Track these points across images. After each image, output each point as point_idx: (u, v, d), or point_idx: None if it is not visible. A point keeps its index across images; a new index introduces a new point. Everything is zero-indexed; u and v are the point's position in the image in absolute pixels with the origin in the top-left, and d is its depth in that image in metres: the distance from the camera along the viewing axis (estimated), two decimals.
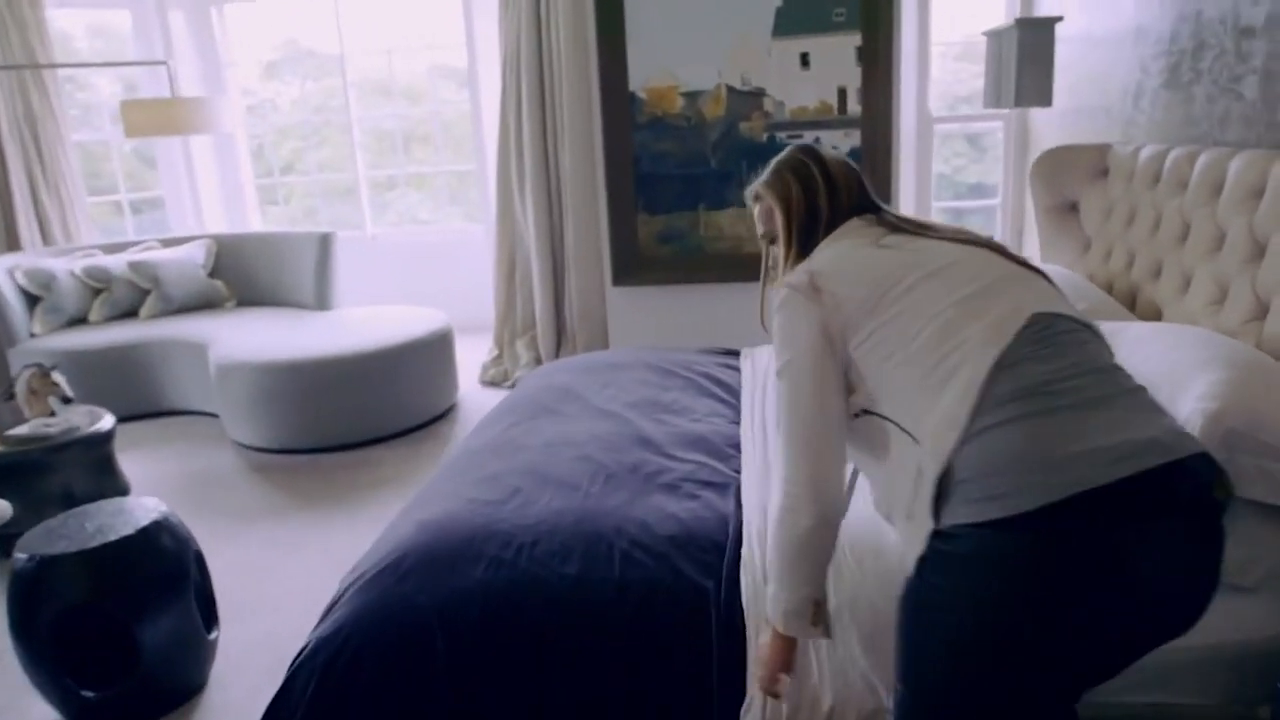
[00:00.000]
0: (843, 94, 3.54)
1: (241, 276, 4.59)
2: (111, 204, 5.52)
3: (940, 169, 4.30)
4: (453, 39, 5.22)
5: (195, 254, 4.49)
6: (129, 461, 3.35)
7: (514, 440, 2.21)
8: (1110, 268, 2.56)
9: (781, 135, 3.62)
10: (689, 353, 2.99)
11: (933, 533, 1.07)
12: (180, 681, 2.06)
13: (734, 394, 2.57)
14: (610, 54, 3.58)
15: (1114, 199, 2.59)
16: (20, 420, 2.90)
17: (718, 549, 1.64)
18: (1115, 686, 1.14)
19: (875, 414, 1.22)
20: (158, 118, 3.88)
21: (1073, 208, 2.78)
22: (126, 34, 5.26)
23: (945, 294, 1.18)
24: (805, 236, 1.39)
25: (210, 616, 2.16)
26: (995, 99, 3.09)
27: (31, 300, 4.18)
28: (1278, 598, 1.51)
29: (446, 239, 5.51)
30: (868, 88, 3.49)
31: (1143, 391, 1.10)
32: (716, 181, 3.73)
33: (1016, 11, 3.72)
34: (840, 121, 3.56)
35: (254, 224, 5.73)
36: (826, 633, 1.32)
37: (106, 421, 2.98)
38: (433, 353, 3.86)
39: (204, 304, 4.46)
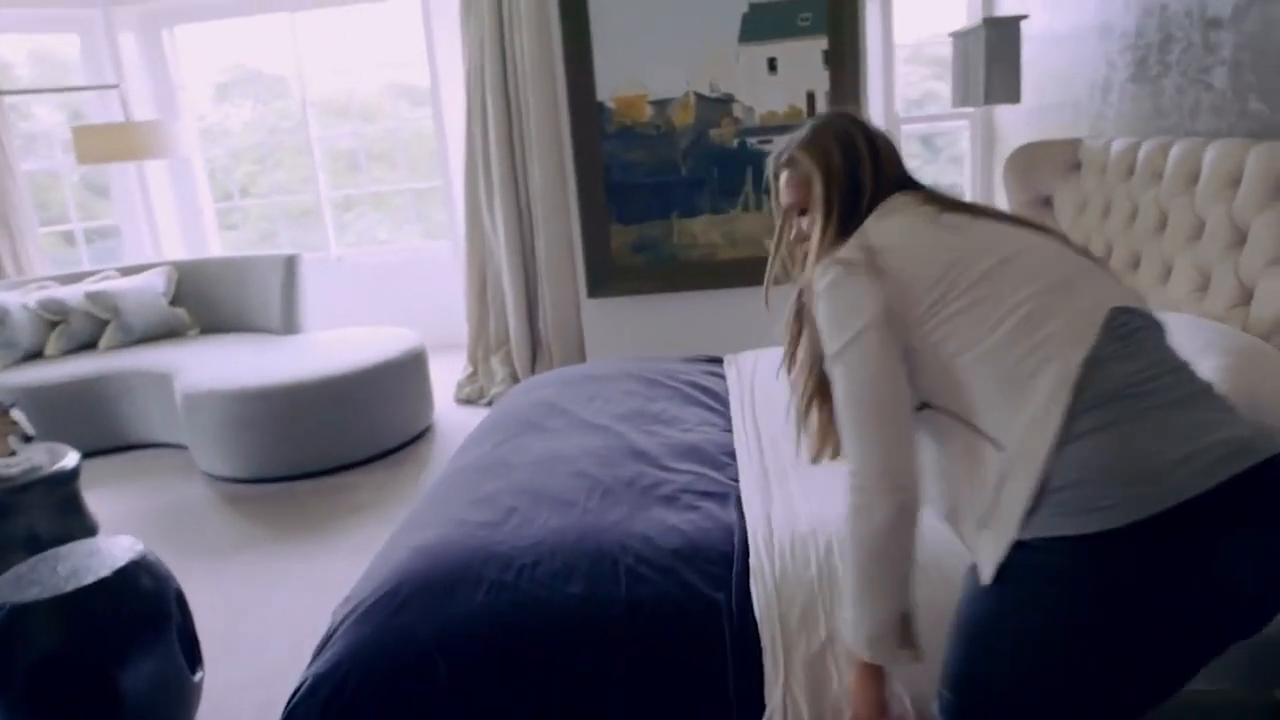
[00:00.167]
0: (811, 98, 3.55)
1: (204, 303, 4.47)
2: (61, 234, 5.36)
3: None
4: (409, 56, 5.16)
5: (155, 282, 4.37)
6: (95, 499, 3.22)
7: (503, 459, 2.15)
8: None
9: (752, 141, 3.62)
10: (672, 362, 2.96)
11: (1016, 543, 1.01)
12: None
13: (722, 401, 2.54)
14: (577, 64, 3.55)
15: (1088, 192, 2.62)
16: None
17: (725, 560, 1.61)
18: None
19: (939, 409, 1.15)
20: (112, 143, 3.77)
21: (1047, 202, 2.81)
22: (70, 60, 5.12)
23: (1023, 284, 1.10)
24: (847, 210, 1.26)
25: (194, 657, 2.07)
26: (964, 98, 3.11)
27: None
28: None
29: (413, 257, 5.43)
30: (836, 91, 3.50)
31: (1211, 389, 1.07)
32: (688, 189, 3.71)
33: (975, 13, 3.76)
34: None
35: (213, 249, 5.60)
36: (918, 655, 1.15)
37: (70, 459, 2.87)
38: (406, 373, 3.79)
39: (166, 333, 4.34)
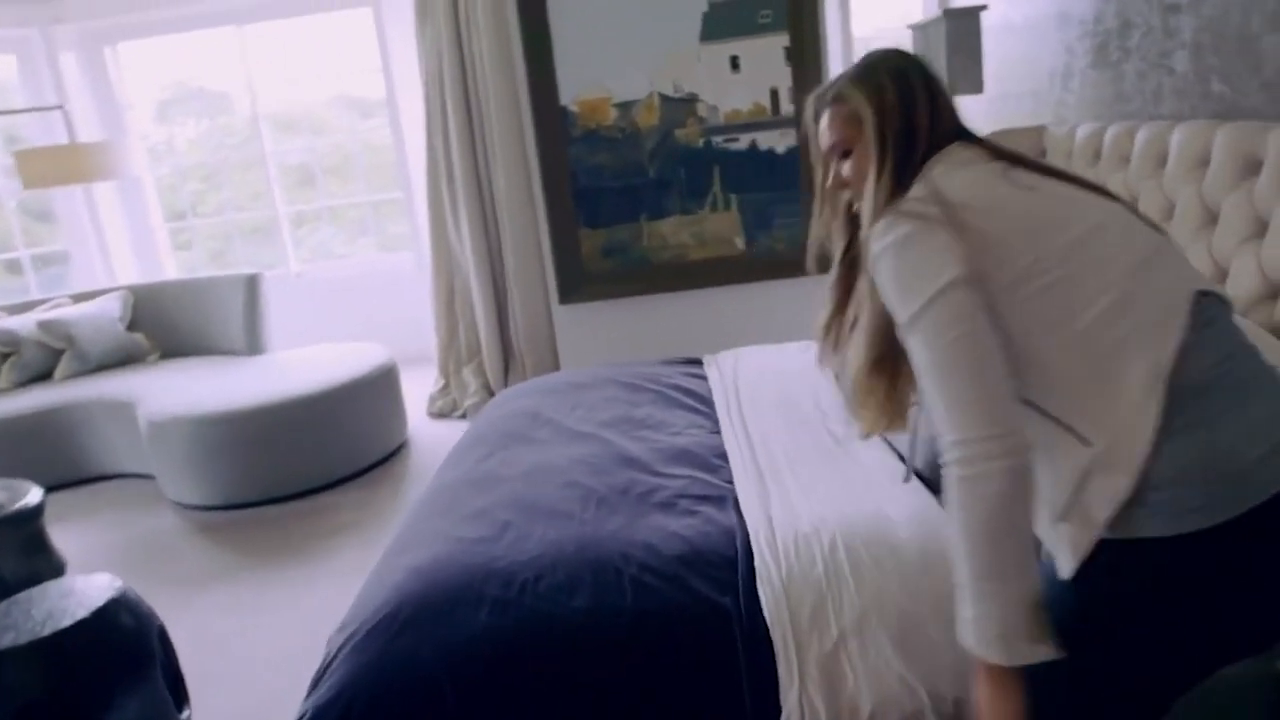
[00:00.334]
0: (775, 95, 3.55)
1: (163, 327, 4.35)
2: (4, 263, 5.18)
3: None
4: (360, 67, 5.09)
5: (110, 307, 4.24)
6: (60, 535, 3.10)
7: (492, 472, 2.11)
8: None
9: (718, 140, 3.62)
10: (651, 365, 2.94)
11: (1100, 541, 0.98)
12: None
13: (706, 403, 2.53)
14: (539, 69, 3.52)
15: None
16: None
17: (729, 564, 1.59)
18: None
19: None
20: (59, 166, 3.65)
21: None
22: (7, 82, 4.95)
23: (1109, 262, 1.02)
24: (902, 155, 1.14)
25: (180, 696, 2.00)
26: None
27: None
28: None
29: (375, 270, 5.35)
30: (799, 87, 3.51)
31: (1277, 371, 1.05)
32: (656, 191, 3.70)
33: (931, 5, 3.80)
34: (775, 122, 3.58)
35: (168, 271, 5.45)
36: (1057, 645, 0.99)
37: (33, 495, 2.76)
38: (378, 389, 3.72)
39: (124, 360, 4.21)
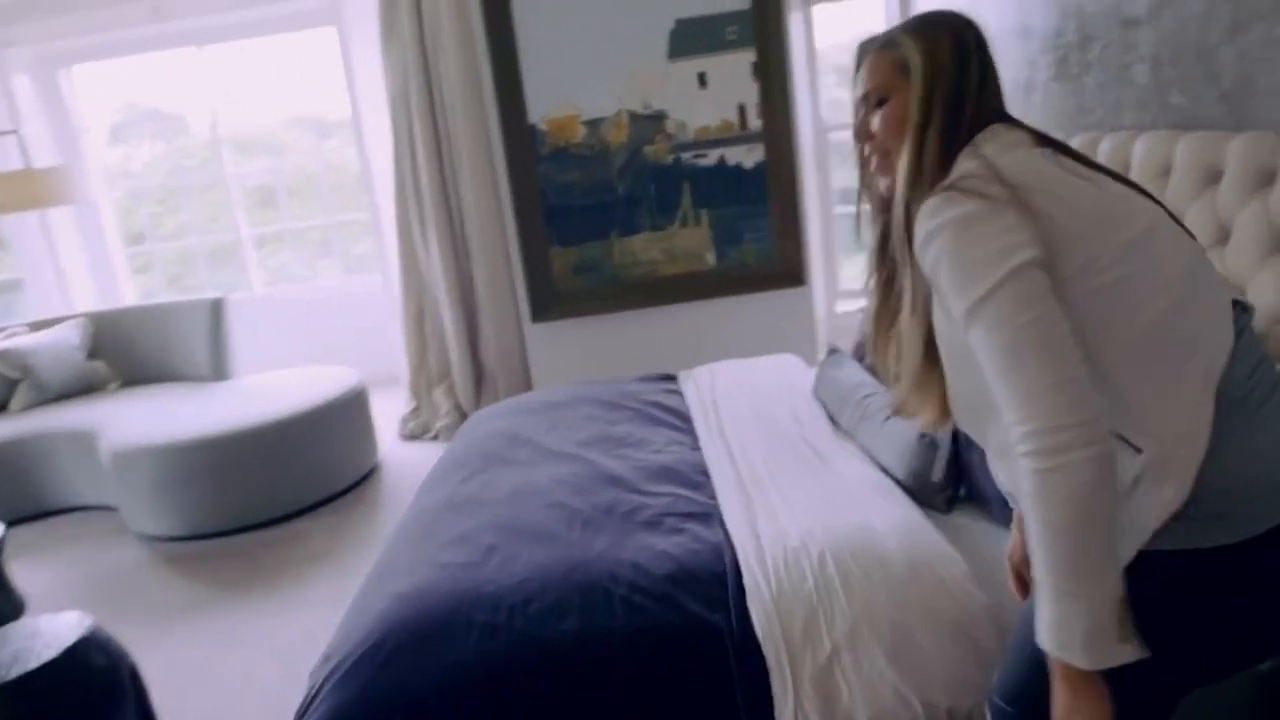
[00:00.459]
0: (743, 110, 3.58)
1: (124, 354, 4.25)
2: None
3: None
4: (322, 87, 5.04)
5: (69, 335, 4.13)
6: (21, 572, 3.01)
7: (473, 495, 2.09)
8: None
9: (686, 156, 3.63)
10: (627, 382, 2.94)
11: (1141, 551, 0.97)
12: None
13: (684, 419, 2.53)
14: (507, 88, 3.52)
15: None
16: None
17: (719, 581, 1.58)
18: None
19: None
20: (15, 192, 3.56)
21: None
22: None
23: (1163, 266, 0.99)
24: (949, 122, 1.06)
25: None
26: None
27: None
28: None
29: (341, 292, 5.28)
30: (766, 102, 3.55)
31: None
32: (626, 207, 3.70)
33: (893, 19, 3.87)
34: (743, 137, 3.60)
35: (127, 297, 5.34)
36: (1143, 648, 0.93)
37: None
38: (348, 413, 3.66)
39: (85, 389, 4.10)
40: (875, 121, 1.13)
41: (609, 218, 3.71)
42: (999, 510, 1.76)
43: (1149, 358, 0.96)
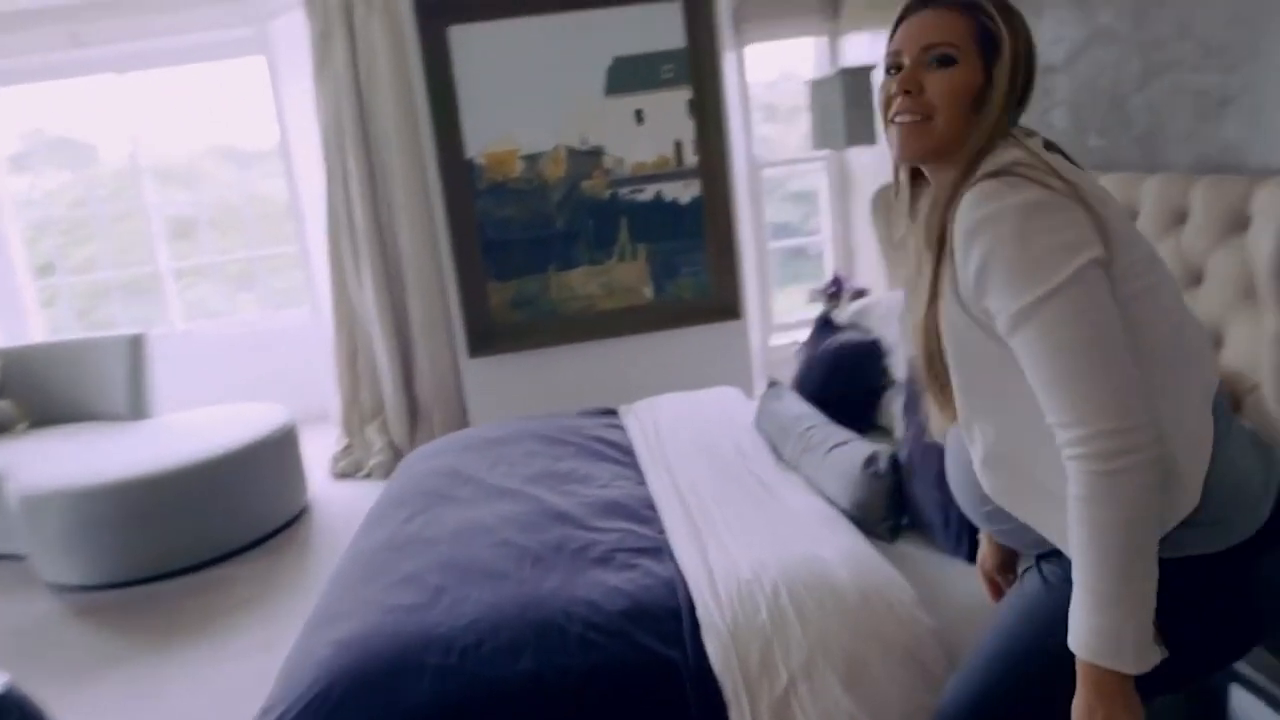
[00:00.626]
0: (679, 146, 3.64)
1: (34, 393, 4.03)
2: None
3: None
4: (247, 117, 4.93)
5: None
6: None
7: (416, 535, 2.04)
8: None
9: (624, 191, 3.67)
10: (568, 417, 2.92)
11: None
12: None
13: (629, 454, 2.52)
14: (445, 122, 3.50)
15: None
16: None
17: (673, 616, 1.58)
18: None
19: None
20: None
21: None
22: None
23: (1170, 280, 1.00)
24: (1012, 111, 1.03)
25: None
26: (824, 141, 3.29)
27: None
28: None
29: (268, 327, 5.13)
30: (702, 139, 3.61)
31: None
32: (564, 242, 3.71)
33: (823, 61, 4.00)
34: (680, 173, 3.66)
35: (34, 332, 5.08)
36: (1164, 647, 0.94)
37: None
38: (277, 451, 3.54)
39: None
40: (932, 79, 1.02)
41: (547, 252, 3.71)
42: (942, 537, 1.80)
43: (1168, 365, 0.96)
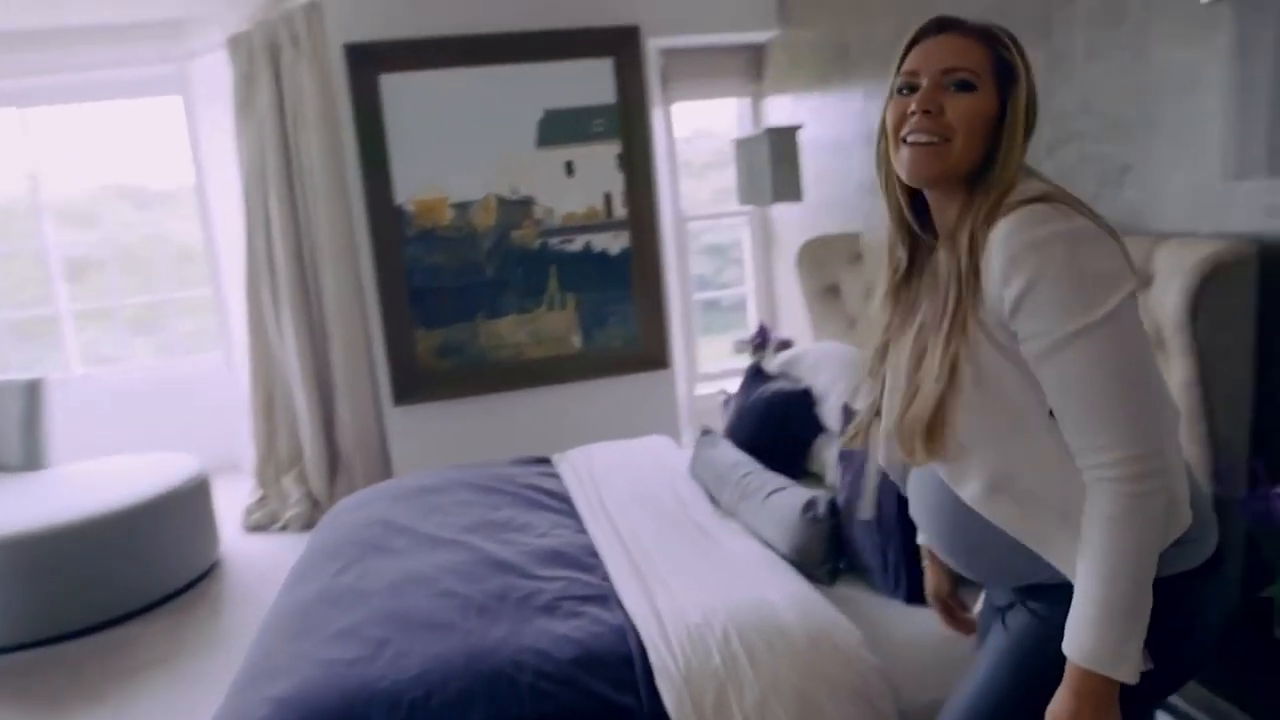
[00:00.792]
0: (608, 198, 3.71)
1: None
2: None
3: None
4: (154, 157, 4.78)
5: None
6: None
7: (351, 586, 1.98)
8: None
9: (554, 240, 3.70)
10: (500, 466, 2.90)
11: None
12: None
13: (566, 502, 2.52)
14: (374, 169, 3.49)
15: (871, 280, 2.93)
16: None
17: (625, 663, 1.58)
18: None
19: None
20: None
21: (834, 290, 3.11)
22: None
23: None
24: (1024, 147, 1.06)
25: None
26: (750, 197, 3.40)
27: None
28: None
29: (176, 373, 4.91)
30: (631, 192, 3.69)
31: None
32: (493, 290, 3.71)
33: (745, 120, 4.16)
34: (609, 224, 3.73)
35: None
36: (1148, 656, 0.99)
37: None
38: (186, 504, 3.37)
39: None
40: (951, 102, 1.04)
41: (476, 300, 3.70)
42: (880, 579, 1.86)
43: (1159, 395, 1.02)
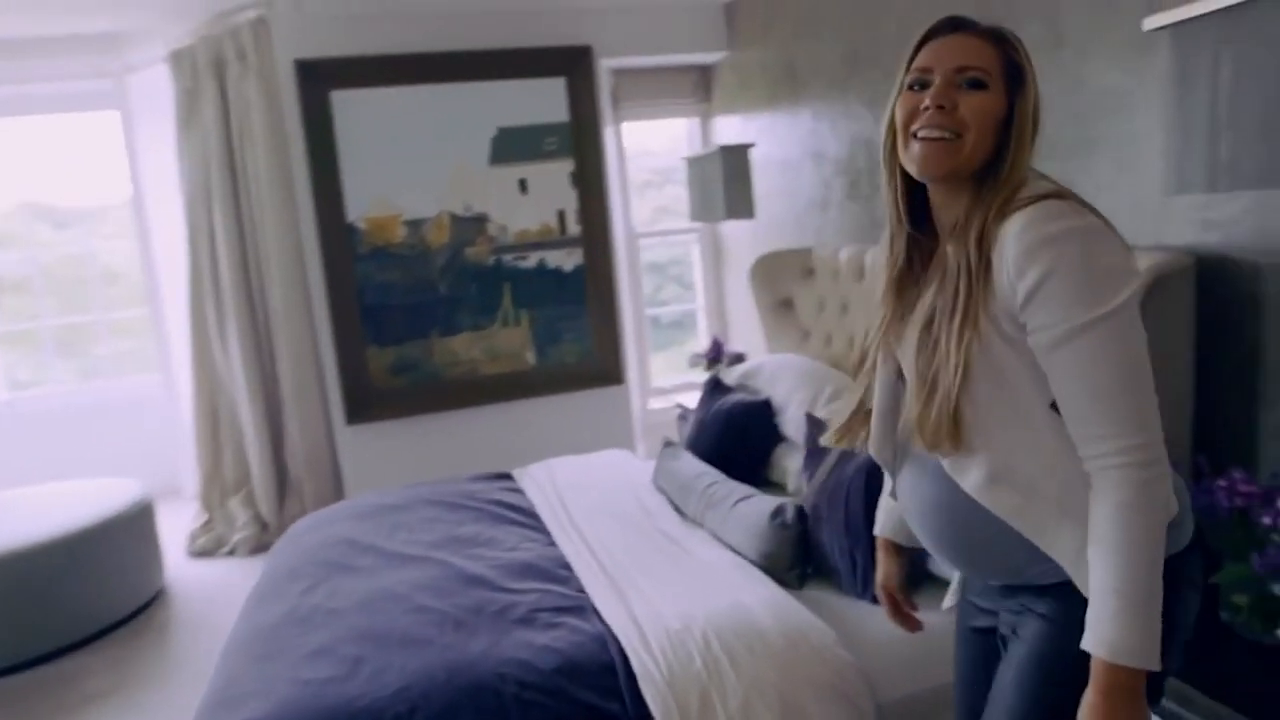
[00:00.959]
0: (562, 215, 3.74)
1: None
2: None
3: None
4: (83, 174, 4.63)
5: None
6: None
7: (320, 606, 1.95)
8: (833, 351, 2.95)
9: (508, 257, 3.71)
10: (461, 482, 2.88)
11: None
12: None
13: (531, 516, 2.52)
14: (324, 186, 3.45)
15: (824, 293, 3.02)
16: None
17: (608, 670, 1.59)
18: None
19: None
20: None
21: (788, 304, 3.18)
22: None
23: None
24: (1030, 149, 1.08)
25: None
26: (703, 214, 3.47)
27: None
28: None
29: (111, 396, 4.74)
30: (585, 208, 3.73)
31: None
32: (447, 307, 3.69)
33: (694, 139, 4.24)
34: (563, 241, 3.75)
35: None
36: None
37: None
38: (128, 530, 3.25)
39: None
40: (965, 99, 1.06)
41: (429, 317, 3.68)
42: (848, 582, 1.91)
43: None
